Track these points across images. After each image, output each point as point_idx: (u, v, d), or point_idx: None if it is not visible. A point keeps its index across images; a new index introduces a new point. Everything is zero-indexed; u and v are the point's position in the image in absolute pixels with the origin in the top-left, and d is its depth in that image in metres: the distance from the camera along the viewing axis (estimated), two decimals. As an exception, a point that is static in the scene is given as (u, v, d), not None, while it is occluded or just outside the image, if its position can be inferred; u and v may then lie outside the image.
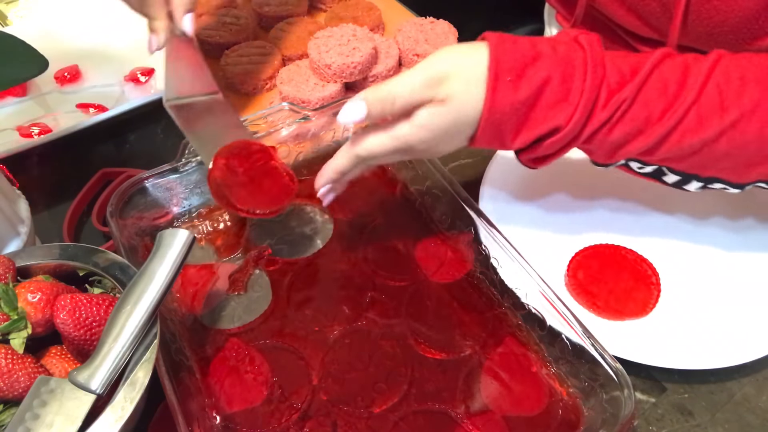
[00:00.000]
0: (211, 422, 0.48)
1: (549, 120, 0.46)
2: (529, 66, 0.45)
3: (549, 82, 0.45)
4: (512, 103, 0.45)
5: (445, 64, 0.45)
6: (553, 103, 0.45)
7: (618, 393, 0.45)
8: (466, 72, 0.45)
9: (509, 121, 0.46)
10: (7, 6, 0.89)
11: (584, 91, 0.45)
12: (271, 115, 0.62)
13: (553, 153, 0.49)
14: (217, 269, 0.59)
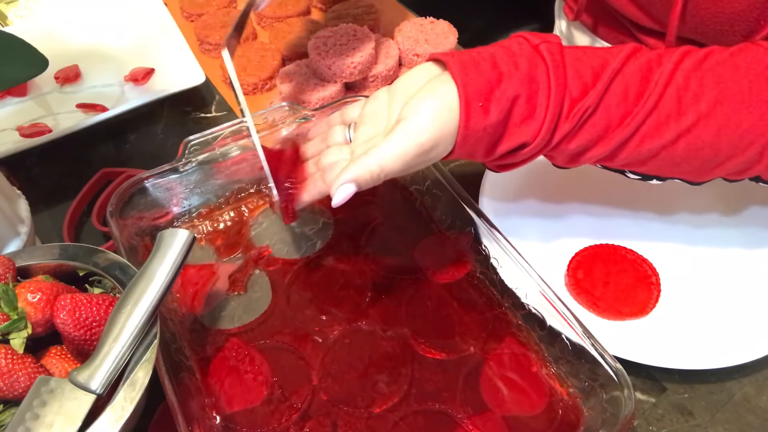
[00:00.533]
0: (211, 422, 0.48)
1: (517, 137, 0.46)
2: (495, 88, 0.45)
3: (516, 101, 0.45)
4: (485, 127, 0.45)
5: (432, 133, 0.45)
6: (521, 121, 0.46)
7: (618, 393, 0.45)
8: (449, 125, 0.45)
9: (481, 142, 0.47)
10: (7, 6, 0.89)
11: (549, 106, 0.45)
12: (271, 115, 0.62)
13: (517, 162, 0.50)
14: (217, 269, 0.59)
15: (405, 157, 0.45)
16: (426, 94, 0.46)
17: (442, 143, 0.46)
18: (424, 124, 0.45)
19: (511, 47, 0.47)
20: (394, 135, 0.45)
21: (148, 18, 0.84)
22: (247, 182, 0.64)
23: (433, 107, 0.45)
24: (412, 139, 0.45)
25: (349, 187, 0.45)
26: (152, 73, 0.78)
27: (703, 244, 0.61)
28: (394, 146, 0.45)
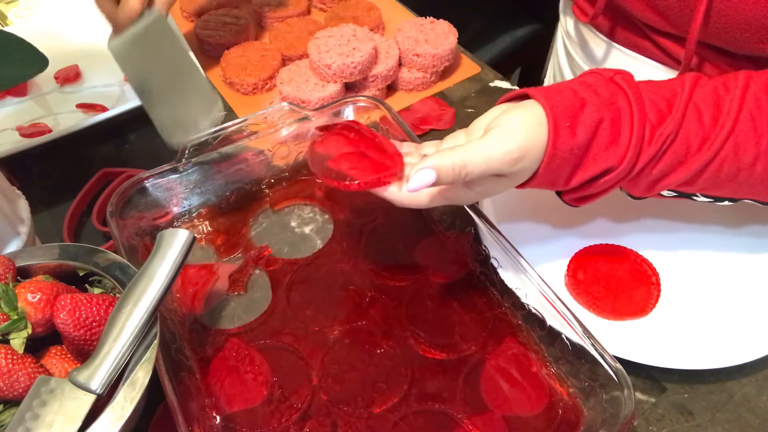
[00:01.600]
0: (211, 422, 0.48)
1: (603, 161, 0.46)
2: (580, 111, 0.45)
3: (601, 124, 0.46)
4: (571, 148, 0.45)
5: (521, 141, 0.45)
6: (606, 145, 0.46)
7: (618, 393, 0.45)
8: (538, 140, 0.45)
9: (566, 166, 0.47)
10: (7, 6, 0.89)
11: (633, 130, 0.46)
12: (271, 115, 0.62)
13: (599, 192, 0.50)
14: (217, 269, 0.59)
15: (490, 159, 0.44)
16: (515, 109, 0.46)
17: (528, 157, 0.45)
18: (514, 131, 0.45)
19: (585, 80, 0.48)
20: (484, 137, 0.45)
21: (148, 18, 0.84)
22: (247, 182, 0.64)
23: (524, 117, 0.45)
24: (500, 143, 0.44)
25: (429, 174, 0.44)
26: (152, 73, 0.78)
27: (703, 244, 0.61)
28: (483, 146, 0.45)
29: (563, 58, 0.86)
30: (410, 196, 0.48)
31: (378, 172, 0.48)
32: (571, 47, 0.81)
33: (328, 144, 0.51)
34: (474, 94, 0.79)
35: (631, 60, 0.71)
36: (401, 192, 0.48)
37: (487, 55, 1.32)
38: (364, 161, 0.49)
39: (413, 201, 0.48)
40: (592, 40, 0.76)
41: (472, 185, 0.47)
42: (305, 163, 0.66)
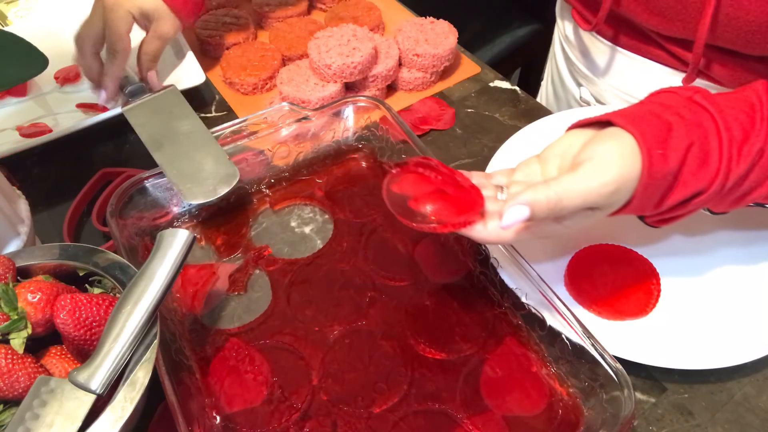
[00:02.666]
0: (211, 422, 0.48)
1: (693, 184, 0.45)
2: (668, 136, 0.45)
3: (691, 148, 0.45)
4: (664, 175, 0.44)
5: (617, 173, 0.43)
6: (696, 168, 0.45)
7: (618, 393, 0.45)
8: (632, 170, 0.44)
9: (657, 193, 0.46)
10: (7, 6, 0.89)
11: (722, 150, 0.45)
12: (271, 115, 0.62)
13: (685, 213, 0.49)
14: (217, 269, 0.59)
15: (587, 194, 0.43)
16: (607, 139, 0.45)
17: (623, 189, 0.44)
18: (610, 164, 0.43)
19: (663, 101, 0.47)
20: (578, 171, 0.43)
21: (148, 18, 0.84)
22: (247, 182, 0.64)
23: (617, 148, 0.44)
24: (596, 177, 0.43)
25: (523, 210, 0.43)
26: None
27: (703, 244, 0.61)
28: (578, 180, 0.43)
29: (561, 61, 0.86)
30: (496, 233, 0.46)
31: (462, 211, 0.46)
32: (571, 52, 0.81)
33: (405, 183, 0.49)
34: (474, 94, 0.79)
35: (635, 63, 0.71)
36: (486, 229, 0.46)
37: (487, 55, 1.32)
38: (445, 200, 0.47)
39: (499, 238, 0.46)
40: (593, 45, 0.75)
41: (562, 219, 0.46)
42: (305, 163, 0.66)
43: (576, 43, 0.79)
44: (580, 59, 0.79)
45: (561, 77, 0.87)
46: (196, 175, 0.58)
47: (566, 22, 0.80)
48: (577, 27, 0.77)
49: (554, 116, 0.71)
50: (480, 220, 0.46)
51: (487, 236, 0.46)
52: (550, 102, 0.92)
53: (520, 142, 0.67)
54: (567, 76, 0.85)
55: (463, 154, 0.72)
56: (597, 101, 0.80)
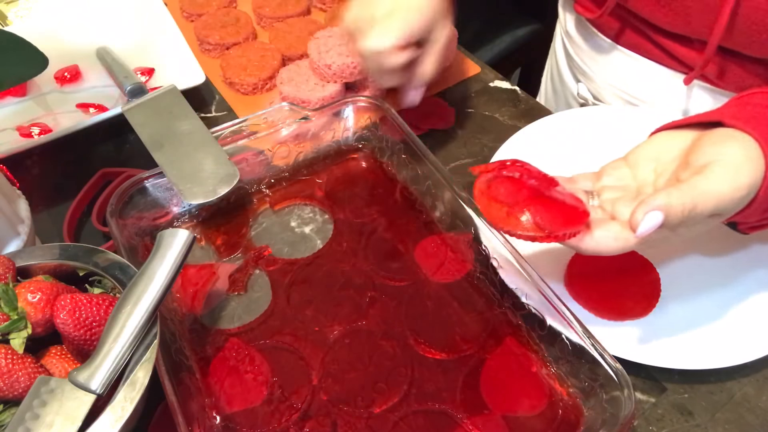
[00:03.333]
0: (211, 422, 0.48)
1: None
2: None
3: None
4: None
5: (748, 177, 0.42)
6: None
7: (618, 393, 0.45)
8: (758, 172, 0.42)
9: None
10: (7, 6, 0.89)
11: None
12: (271, 115, 0.62)
13: None
14: (217, 269, 0.59)
15: (720, 198, 0.41)
16: (727, 140, 0.43)
17: (751, 190, 0.42)
18: (742, 167, 0.42)
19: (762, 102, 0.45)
20: (708, 174, 0.41)
21: (148, 18, 0.84)
22: (247, 182, 0.64)
23: (745, 152, 0.42)
24: (730, 181, 0.41)
25: (657, 216, 0.40)
26: (152, 73, 0.78)
27: (703, 244, 0.61)
28: (711, 185, 0.41)
29: (562, 57, 0.86)
30: (605, 243, 0.44)
31: (568, 221, 0.44)
32: (571, 47, 0.81)
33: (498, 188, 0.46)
34: (474, 94, 0.79)
35: (633, 62, 0.71)
36: (594, 239, 0.44)
37: (487, 55, 1.32)
38: (546, 208, 0.45)
39: (606, 248, 0.44)
40: (593, 40, 0.75)
41: (679, 227, 0.43)
42: (305, 163, 0.66)
43: (576, 39, 0.79)
44: (580, 55, 0.79)
45: (560, 73, 0.87)
46: (196, 175, 0.58)
47: (568, 16, 0.80)
48: (579, 22, 0.77)
49: (554, 116, 0.71)
50: (586, 231, 0.45)
51: (595, 247, 0.45)
52: (549, 98, 0.92)
53: (520, 142, 0.67)
54: (566, 72, 0.85)
55: (463, 154, 0.71)
56: (594, 98, 0.81)
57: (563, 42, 0.84)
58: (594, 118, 0.70)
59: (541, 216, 0.44)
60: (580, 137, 0.69)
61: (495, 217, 0.45)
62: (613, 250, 0.45)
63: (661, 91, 0.72)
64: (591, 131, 0.69)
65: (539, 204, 0.45)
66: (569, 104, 0.86)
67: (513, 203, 0.45)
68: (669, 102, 0.72)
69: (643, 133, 0.71)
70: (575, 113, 0.71)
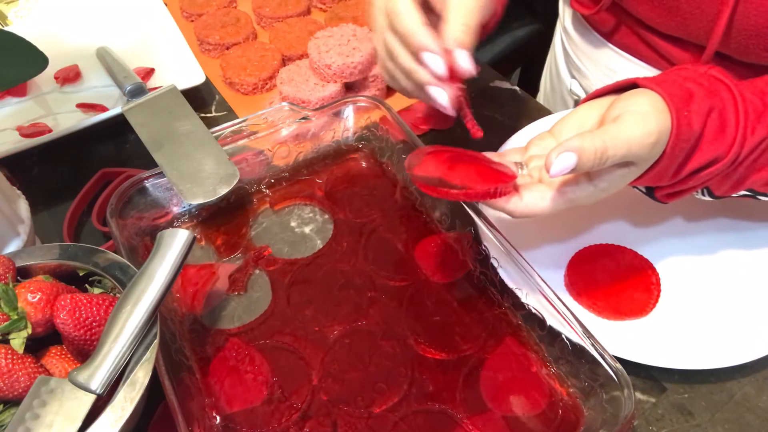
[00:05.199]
0: (211, 422, 0.48)
1: (711, 151, 0.46)
2: (690, 101, 0.45)
3: (711, 114, 0.45)
4: (689, 138, 0.44)
5: (657, 124, 0.43)
6: (714, 136, 0.45)
7: (618, 393, 0.45)
8: (666, 126, 0.44)
9: (680, 155, 0.45)
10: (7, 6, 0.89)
11: (738, 119, 0.45)
12: (271, 115, 0.62)
13: (695, 186, 0.49)
14: (217, 269, 0.59)
15: (631, 142, 0.42)
16: (637, 96, 0.45)
17: (660, 142, 0.44)
18: (649, 114, 0.43)
19: (680, 73, 0.47)
20: (620, 122, 0.43)
21: (148, 18, 0.84)
22: (247, 182, 0.64)
23: (653, 103, 0.44)
24: (639, 126, 0.43)
25: (570, 157, 0.41)
26: (152, 73, 0.78)
27: (703, 244, 0.61)
28: (622, 129, 0.43)
29: (560, 53, 0.86)
30: (533, 204, 0.46)
31: (496, 178, 0.46)
32: (568, 43, 0.81)
33: (429, 164, 0.48)
34: (474, 94, 0.79)
35: (624, 61, 0.71)
36: (523, 201, 0.46)
37: (487, 55, 1.32)
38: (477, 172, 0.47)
39: (537, 209, 0.46)
40: (588, 37, 0.76)
41: (596, 179, 0.45)
42: (305, 163, 0.66)
43: (573, 34, 0.79)
44: (575, 51, 0.79)
45: (558, 68, 0.87)
46: (196, 175, 0.58)
47: (566, 12, 0.81)
48: (576, 18, 0.78)
49: (554, 116, 0.71)
50: (515, 194, 0.46)
51: (524, 209, 0.46)
52: (548, 95, 0.93)
53: (520, 142, 0.67)
54: (563, 68, 0.85)
55: (463, 154, 0.71)
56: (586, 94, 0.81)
57: (561, 38, 0.84)
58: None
59: (470, 175, 0.46)
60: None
61: (426, 186, 0.47)
62: (542, 210, 0.46)
63: None
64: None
65: (470, 167, 0.47)
66: (565, 101, 0.86)
67: (444, 173, 0.47)
68: None
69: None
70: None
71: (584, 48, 0.77)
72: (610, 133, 0.42)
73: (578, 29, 0.77)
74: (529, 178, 0.49)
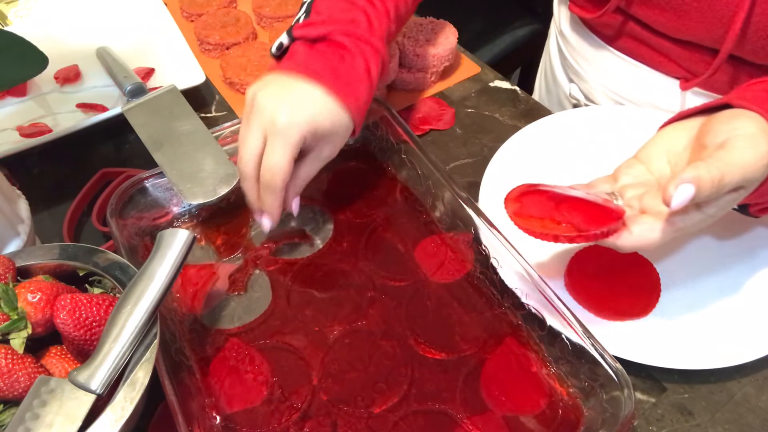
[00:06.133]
0: (211, 422, 0.48)
1: None
2: None
3: None
4: None
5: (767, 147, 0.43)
6: None
7: (618, 393, 0.45)
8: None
9: None
10: (7, 6, 0.89)
11: None
12: (271, 115, 0.62)
13: None
14: (217, 269, 0.59)
15: (745, 167, 0.42)
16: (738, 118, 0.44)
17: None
18: (758, 137, 0.43)
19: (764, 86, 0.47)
20: (729, 147, 0.43)
21: (148, 18, 0.84)
22: (247, 182, 0.64)
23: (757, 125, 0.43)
24: (751, 150, 0.42)
25: (689, 189, 0.41)
26: (152, 73, 0.78)
27: (703, 244, 0.61)
28: (736, 156, 0.42)
29: (555, 57, 0.86)
30: (642, 237, 0.46)
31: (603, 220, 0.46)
32: (565, 47, 0.81)
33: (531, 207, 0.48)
34: (474, 94, 0.79)
35: (626, 65, 0.71)
36: (633, 234, 0.46)
37: (487, 55, 1.32)
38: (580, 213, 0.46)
39: (646, 241, 0.46)
40: (587, 41, 0.75)
41: (705, 206, 0.45)
42: (305, 163, 0.66)
43: (570, 39, 0.79)
44: (573, 55, 0.79)
45: (553, 72, 0.87)
46: (196, 175, 0.58)
47: (563, 16, 0.80)
48: (573, 22, 0.77)
49: (555, 116, 0.71)
50: (624, 229, 0.46)
51: (634, 242, 0.46)
52: (543, 98, 0.92)
53: (520, 142, 0.67)
54: (559, 72, 0.85)
55: (462, 154, 0.71)
56: (586, 98, 0.80)
57: (557, 41, 0.84)
58: (595, 118, 0.70)
59: (577, 218, 0.46)
60: (581, 137, 0.69)
61: (535, 229, 0.47)
62: (653, 242, 0.46)
63: (653, 94, 0.72)
64: (592, 131, 0.69)
65: (572, 208, 0.47)
66: (562, 104, 0.86)
67: (547, 213, 0.47)
68: (662, 105, 0.71)
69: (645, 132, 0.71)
70: (576, 113, 0.71)
71: (582, 51, 0.77)
72: (724, 160, 0.42)
73: (576, 32, 0.77)
74: (629, 209, 0.48)
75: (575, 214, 0.46)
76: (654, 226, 0.46)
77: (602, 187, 0.50)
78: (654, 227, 0.46)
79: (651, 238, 0.46)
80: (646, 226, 0.46)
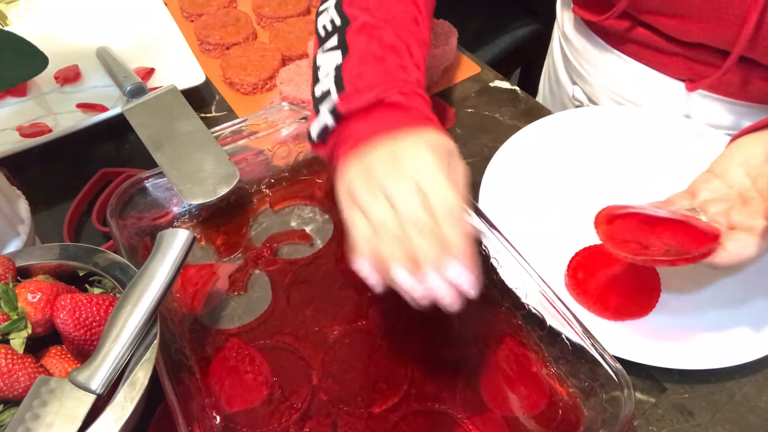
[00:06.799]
0: (211, 422, 0.48)
1: None
2: None
3: None
4: None
5: None
6: None
7: (618, 393, 0.45)
8: None
9: None
10: (7, 6, 0.89)
11: None
12: (271, 115, 0.62)
13: None
14: (217, 269, 0.59)
15: None
16: None
17: None
18: None
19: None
20: None
21: (148, 18, 0.84)
22: (247, 182, 0.64)
23: None
24: None
25: None
26: (152, 73, 0.78)
27: (703, 244, 0.61)
28: None
29: (559, 59, 0.86)
30: (738, 254, 0.46)
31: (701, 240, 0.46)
32: (568, 49, 0.81)
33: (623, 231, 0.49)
34: (474, 94, 0.79)
35: (631, 67, 0.71)
36: (729, 251, 0.46)
37: (487, 55, 1.32)
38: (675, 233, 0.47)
39: (742, 257, 0.46)
40: (590, 43, 0.75)
41: None
42: (305, 163, 0.66)
43: (574, 41, 0.78)
44: (576, 57, 0.79)
45: (557, 74, 0.86)
46: (196, 175, 0.58)
47: (566, 18, 0.80)
48: (577, 24, 0.77)
49: (555, 116, 0.71)
50: (720, 248, 0.47)
51: (730, 259, 0.46)
52: (547, 100, 0.92)
53: (520, 142, 0.67)
54: (563, 74, 0.85)
55: (463, 154, 0.71)
56: (589, 100, 0.80)
57: (561, 44, 0.84)
58: (595, 118, 0.70)
59: (675, 241, 0.47)
60: (582, 137, 0.69)
61: (632, 253, 0.48)
62: (748, 257, 0.46)
63: (658, 96, 0.72)
64: (592, 132, 0.69)
65: (665, 229, 0.47)
66: (565, 106, 0.86)
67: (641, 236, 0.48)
68: (666, 107, 0.71)
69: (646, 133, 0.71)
70: (577, 113, 0.71)
71: (586, 54, 0.77)
72: None
73: (580, 35, 0.77)
74: (718, 225, 0.48)
75: (669, 236, 0.47)
76: (749, 242, 0.46)
77: (681, 203, 0.50)
78: (749, 243, 0.46)
79: (747, 254, 0.46)
80: (741, 243, 0.46)
